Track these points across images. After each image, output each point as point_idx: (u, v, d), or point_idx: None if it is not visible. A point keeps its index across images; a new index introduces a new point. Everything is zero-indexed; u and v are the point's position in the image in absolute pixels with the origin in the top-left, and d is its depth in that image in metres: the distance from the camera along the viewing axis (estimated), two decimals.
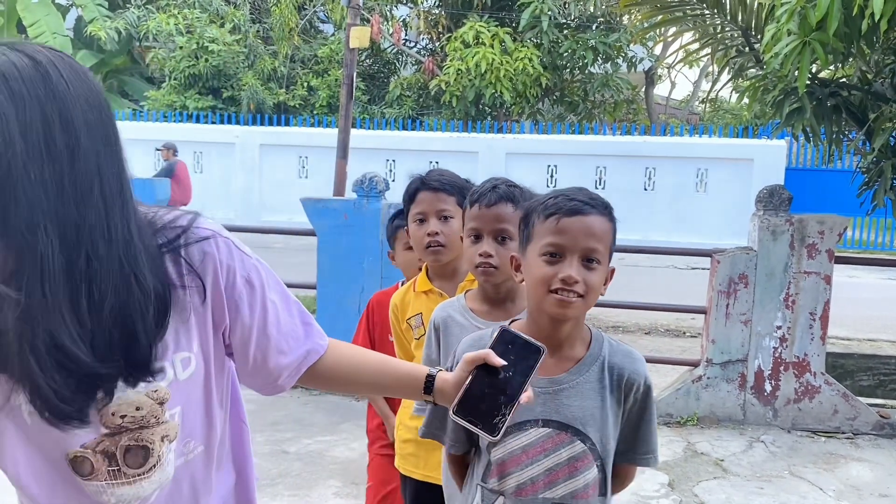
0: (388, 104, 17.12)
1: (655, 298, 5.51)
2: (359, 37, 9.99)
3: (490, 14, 16.02)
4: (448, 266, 2.15)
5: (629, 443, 1.54)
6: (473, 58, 14.60)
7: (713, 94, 18.13)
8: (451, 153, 14.09)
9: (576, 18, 15.98)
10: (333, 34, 18.44)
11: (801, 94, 4.54)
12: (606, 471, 1.49)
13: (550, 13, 14.88)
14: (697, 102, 24.53)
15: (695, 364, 4.94)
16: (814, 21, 3.80)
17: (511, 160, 14.10)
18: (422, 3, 17.25)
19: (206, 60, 16.47)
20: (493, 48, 14.78)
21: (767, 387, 4.68)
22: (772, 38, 4.16)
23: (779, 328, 4.63)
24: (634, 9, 6.89)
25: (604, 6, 15.83)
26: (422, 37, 18.32)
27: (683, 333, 7.38)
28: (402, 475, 2.24)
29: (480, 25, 15.05)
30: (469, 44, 14.86)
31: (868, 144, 5.04)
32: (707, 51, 6.20)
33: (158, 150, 12.00)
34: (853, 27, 3.87)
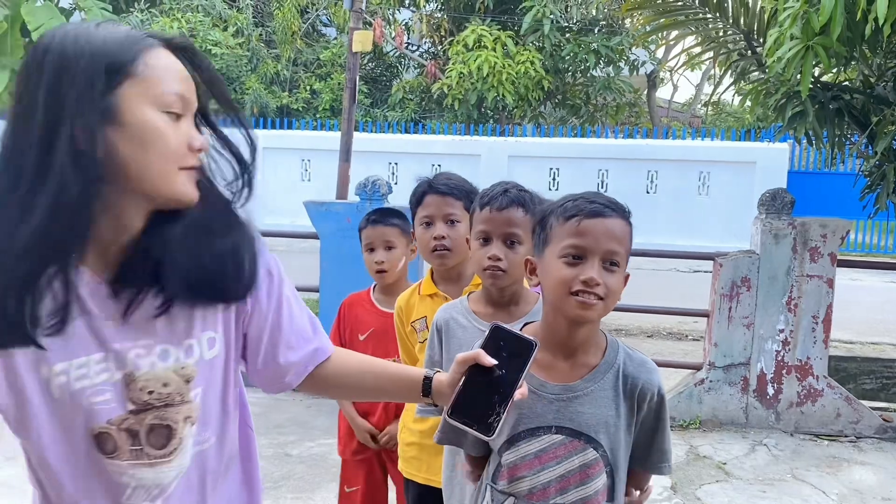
0: (391, 107, 17.14)
1: (657, 301, 5.50)
2: (361, 40, 9.99)
3: (492, 17, 16.04)
4: (453, 270, 2.15)
5: (644, 452, 1.53)
6: (475, 61, 14.61)
7: (715, 98, 18.11)
8: (454, 156, 14.09)
9: (578, 22, 15.98)
10: (336, 38, 18.49)
11: (804, 98, 4.54)
12: (615, 477, 1.48)
13: (552, 16, 14.89)
14: (699, 106, 24.53)
15: (697, 367, 4.94)
16: (817, 25, 3.80)
17: (513, 163, 14.10)
18: (424, 7, 17.27)
19: None
20: (496, 51, 14.79)
21: (770, 390, 4.68)
22: (774, 43, 4.16)
23: (781, 331, 4.63)
24: (636, 12, 6.90)
25: (606, 9, 15.85)
26: (424, 40, 18.35)
27: (686, 336, 7.38)
28: (405, 478, 2.25)
29: (482, 29, 15.06)
30: (471, 47, 14.87)
31: (870, 148, 5.04)
32: (709, 54, 6.21)
33: None
34: (856, 31, 3.87)
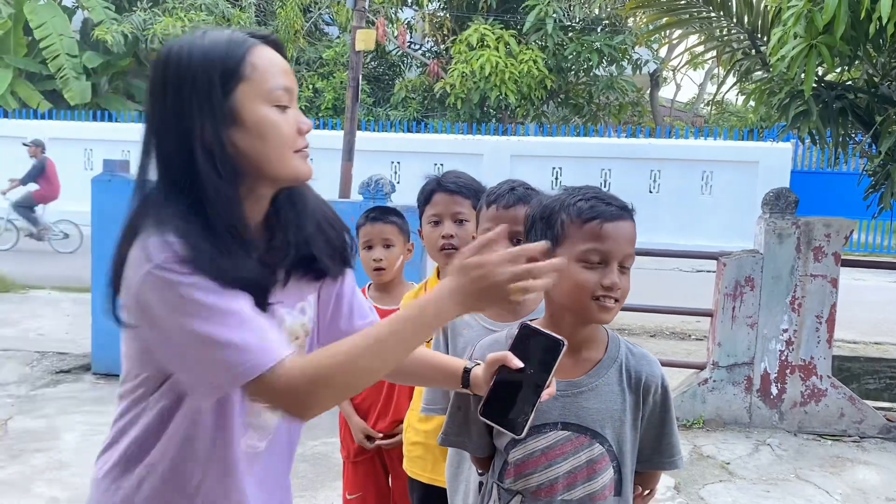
0: (393, 106, 17.15)
1: (660, 301, 5.50)
2: (364, 39, 10.00)
3: (495, 17, 16.04)
4: None
5: (654, 448, 1.53)
6: (478, 60, 14.60)
7: (718, 97, 18.10)
8: (456, 155, 14.08)
9: (581, 21, 15.98)
10: (338, 36, 18.50)
11: (808, 97, 4.53)
12: (622, 472, 1.48)
13: (555, 15, 14.88)
14: (702, 105, 24.51)
15: (701, 367, 4.93)
16: (821, 24, 3.80)
17: (516, 162, 14.09)
18: (427, 6, 17.27)
19: None
20: (498, 51, 14.78)
21: (774, 390, 4.68)
22: (778, 42, 4.16)
23: (785, 331, 4.63)
24: (639, 11, 6.88)
25: (609, 8, 15.85)
26: (427, 39, 18.35)
27: (688, 336, 7.37)
28: (410, 477, 2.25)
29: (485, 28, 15.06)
30: (474, 46, 14.87)
31: (874, 147, 5.03)
32: (712, 53, 6.20)
33: (26, 146, 11.62)
34: (860, 30, 3.87)
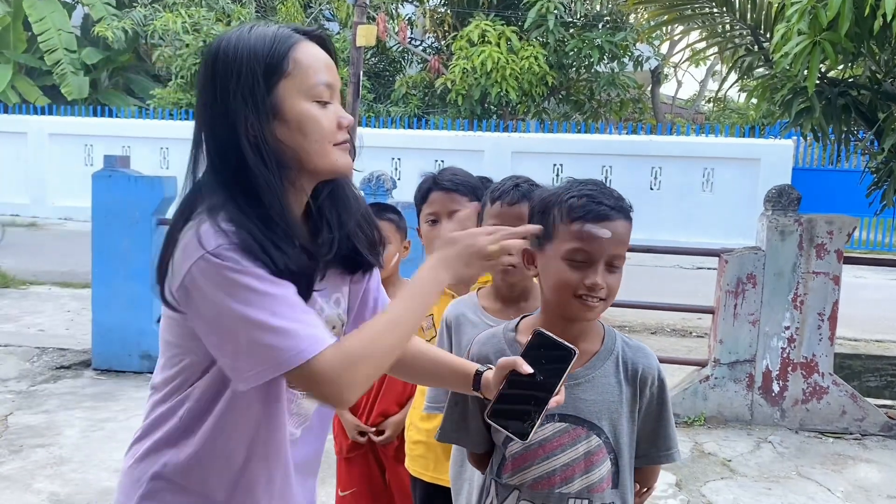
0: (394, 102, 17.11)
1: (661, 298, 5.49)
2: (365, 35, 9.98)
3: (496, 13, 16.00)
4: None
5: (651, 441, 1.53)
6: (479, 56, 14.57)
7: (720, 94, 18.07)
8: (457, 152, 14.06)
9: (582, 17, 15.94)
10: (339, 32, 18.44)
11: (811, 94, 4.52)
12: (620, 464, 1.49)
13: (556, 12, 14.84)
14: (703, 102, 24.47)
15: (702, 364, 4.93)
16: (825, 21, 3.78)
17: (517, 159, 14.07)
18: (428, 2, 17.23)
19: None
20: (499, 47, 14.75)
21: (775, 387, 4.67)
22: (782, 38, 4.14)
23: (787, 328, 4.62)
24: (641, 7, 6.87)
25: (610, 5, 15.81)
26: (427, 35, 18.31)
27: (690, 333, 7.37)
28: (412, 476, 2.24)
29: (486, 24, 15.02)
30: (475, 42, 14.84)
31: (877, 144, 5.02)
32: (714, 50, 6.18)
33: None
34: (864, 27, 3.86)
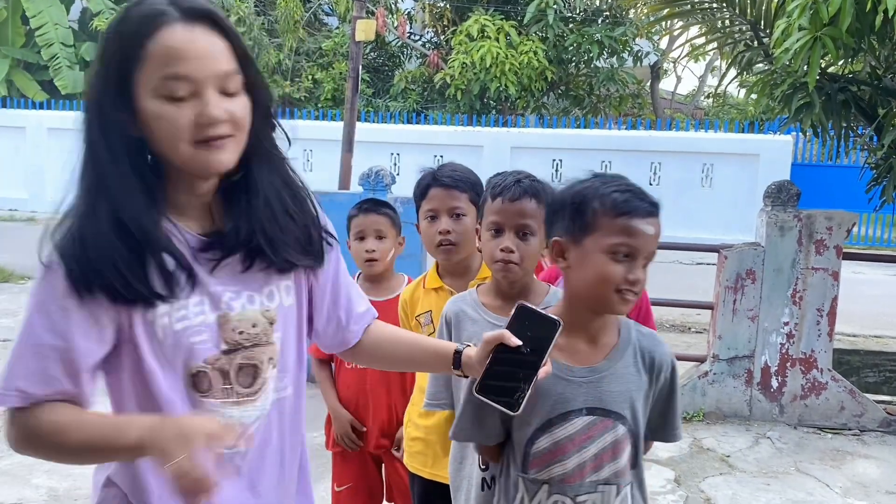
0: (393, 97, 17.08)
1: (660, 293, 5.47)
2: (364, 30, 9.94)
3: (495, 7, 15.96)
4: (460, 264, 2.11)
5: (661, 421, 1.61)
6: (478, 51, 14.53)
7: (720, 89, 18.05)
8: (456, 147, 14.03)
9: (581, 12, 15.90)
10: (338, 27, 18.41)
11: (811, 90, 4.51)
12: (637, 446, 1.56)
13: (556, 7, 14.81)
14: (703, 97, 24.44)
15: (701, 360, 4.92)
16: (826, 16, 3.77)
17: (516, 154, 14.05)
18: None
19: None
20: (499, 42, 14.71)
21: (774, 383, 4.67)
22: (782, 33, 4.13)
23: (786, 324, 4.62)
24: (641, 2, 6.85)
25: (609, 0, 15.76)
26: (427, 30, 18.26)
27: (688, 329, 7.36)
28: (411, 473, 2.23)
29: (485, 19, 14.99)
30: (474, 37, 14.80)
31: (877, 140, 5.02)
32: (714, 45, 6.17)
33: None
34: (865, 22, 3.84)
